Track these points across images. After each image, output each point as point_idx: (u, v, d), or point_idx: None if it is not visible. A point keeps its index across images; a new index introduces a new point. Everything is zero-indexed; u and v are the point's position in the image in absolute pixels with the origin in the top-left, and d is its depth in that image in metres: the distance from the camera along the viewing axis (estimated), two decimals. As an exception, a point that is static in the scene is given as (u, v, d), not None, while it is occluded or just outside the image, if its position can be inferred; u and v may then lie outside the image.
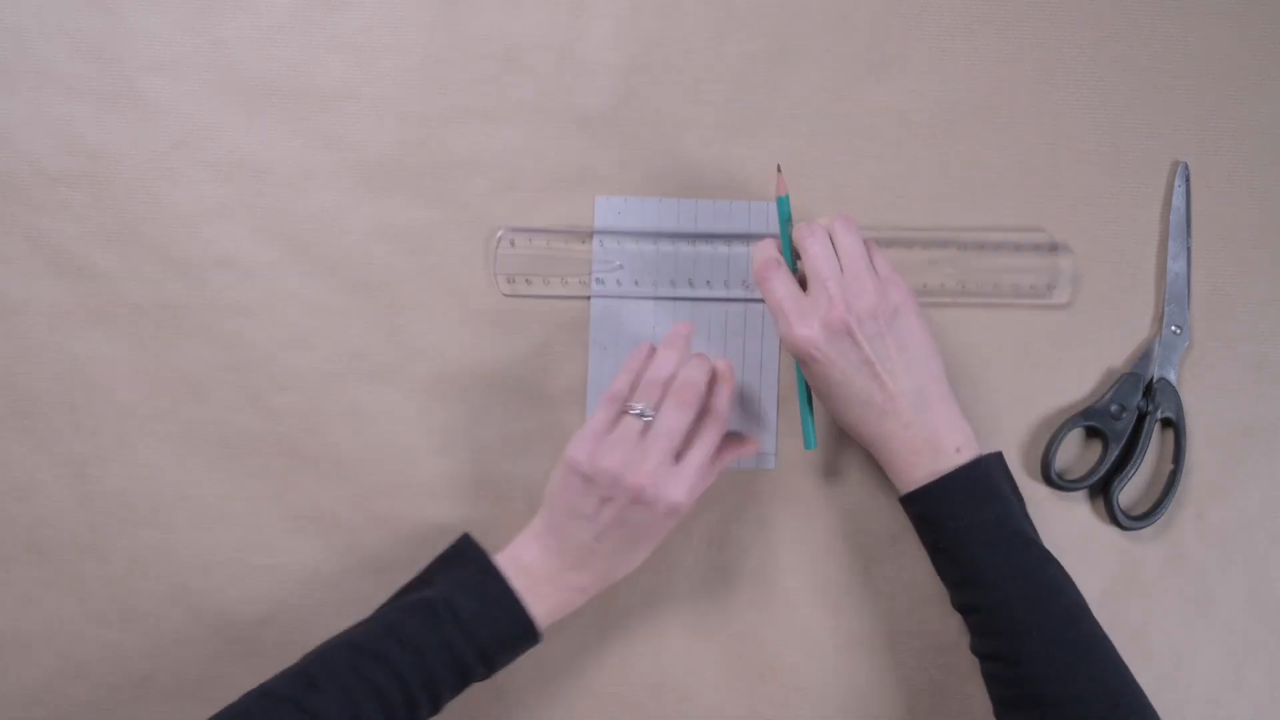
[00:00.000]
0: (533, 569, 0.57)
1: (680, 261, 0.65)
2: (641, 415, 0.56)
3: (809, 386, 0.61)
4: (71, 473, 0.65)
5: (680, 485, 0.56)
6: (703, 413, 0.58)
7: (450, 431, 0.65)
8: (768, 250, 0.59)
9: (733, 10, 0.65)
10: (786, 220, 0.60)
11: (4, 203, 0.65)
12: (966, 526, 0.55)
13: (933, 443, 0.56)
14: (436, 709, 0.55)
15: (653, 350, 0.60)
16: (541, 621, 0.56)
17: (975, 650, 0.56)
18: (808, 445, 0.62)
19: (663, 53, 0.65)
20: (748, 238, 0.65)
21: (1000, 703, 0.55)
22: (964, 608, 0.56)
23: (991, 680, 0.55)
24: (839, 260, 0.57)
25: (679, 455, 0.56)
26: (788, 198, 0.60)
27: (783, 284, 0.57)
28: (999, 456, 0.57)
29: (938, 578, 0.58)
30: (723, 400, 0.59)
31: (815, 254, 0.57)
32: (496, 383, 0.65)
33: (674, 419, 0.56)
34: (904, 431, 0.56)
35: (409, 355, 0.65)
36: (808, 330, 0.56)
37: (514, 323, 0.65)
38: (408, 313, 0.65)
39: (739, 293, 0.65)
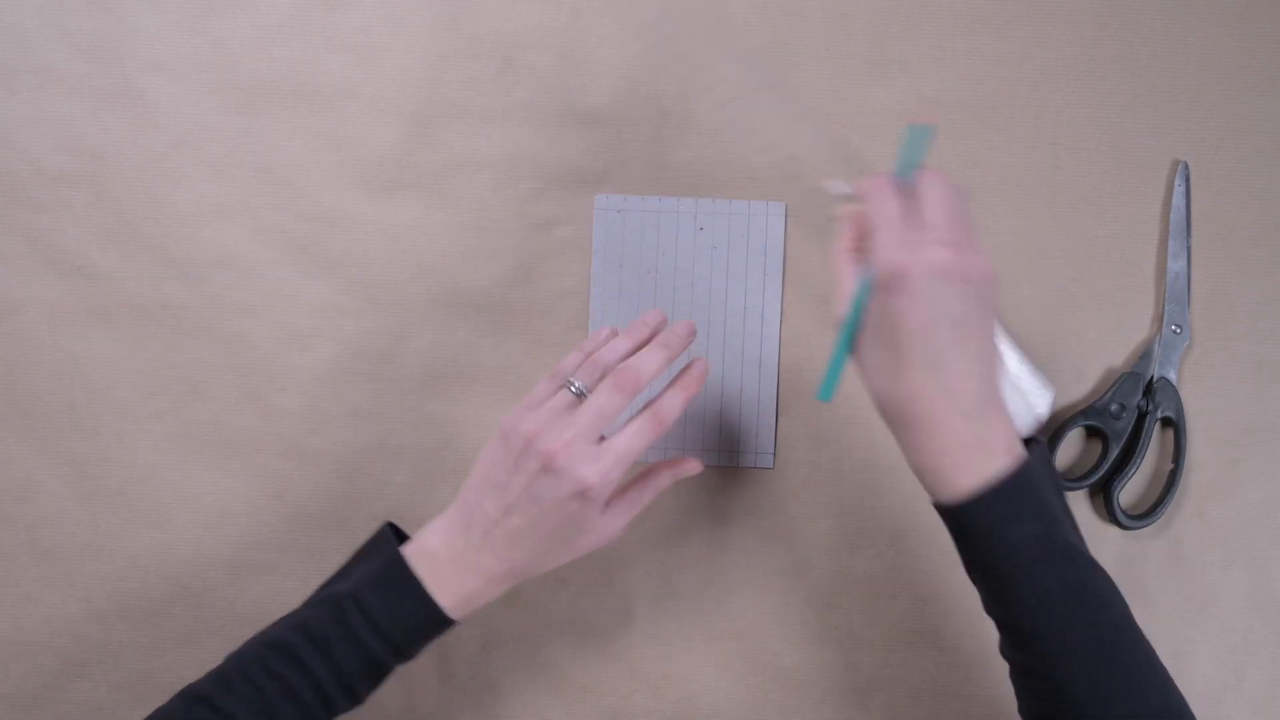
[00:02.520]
0: (438, 552, 0.54)
1: (680, 257, 0.65)
2: (579, 393, 0.54)
3: (856, 332, 0.51)
4: (71, 473, 0.65)
5: (594, 465, 0.52)
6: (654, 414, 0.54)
7: (450, 431, 0.65)
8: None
9: (733, 10, 0.65)
10: (917, 152, 0.53)
11: (4, 203, 0.65)
12: (1013, 544, 0.49)
13: (986, 442, 0.49)
14: (357, 700, 0.54)
15: (609, 333, 0.57)
16: (453, 610, 0.54)
17: (1006, 656, 0.52)
18: (823, 396, 0.52)
19: (663, 53, 0.65)
20: (747, 235, 0.65)
21: (1030, 713, 0.51)
22: (1001, 621, 0.51)
23: (1024, 690, 0.52)
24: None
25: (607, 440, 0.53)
26: (927, 129, 0.53)
27: (895, 200, 0.51)
28: (1042, 450, 0.52)
29: (939, 576, 0.57)
30: (671, 402, 0.54)
31: (942, 198, 0.51)
32: (496, 382, 0.65)
33: (606, 399, 0.53)
34: (960, 420, 0.49)
35: (409, 355, 0.65)
36: (910, 256, 0.49)
37: (514, 322, 0.65)
38: (407, 312, 0.65)
39: (738, 287, 0.65)
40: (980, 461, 0.49)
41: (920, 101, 0.52)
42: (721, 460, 0.65)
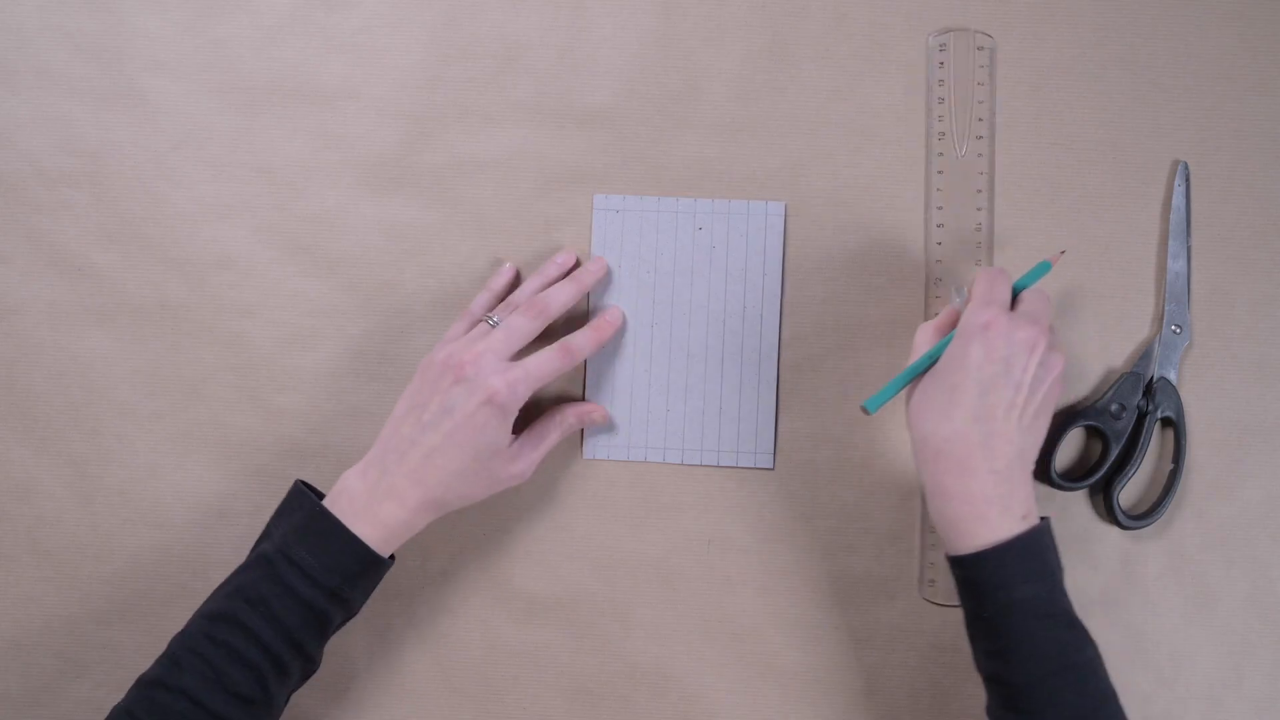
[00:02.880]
0: (356, 489, 0.56)
1: (680, 257, 0.65)
2: (494, 325, 0.59)
3: (928, 369, 0.57)
4: (71, 473, 0.65)
5: (503, 375, 0.56)
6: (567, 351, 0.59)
7: (450, 431, 0.65)
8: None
9: (733, 10, 0.65)
10: (1035, 277, 0.60)
11: (4, 203, 0.65)
12: (1018, 601, 0.52)
13: (1006, 501, 0.53)
14: (309, 660, 0.55)
15: (513, 271, 0.64)
16: (378, 544, 0.55)
17: (994, 717, 0.54)
18: (870, 406, 0.57)
19: (663, 53, 0.65)
20: (747, 235, 0.65)
21: None
22: (992, 677, 0.54)
23: None
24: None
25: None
26: (1049, 266, 0.60)
27: (1007, 287, 0.57)
28: (1049, 525, 0.55)
29: (939, 577, 0.57)
30: (582, 339, 0.60)
31: (1045, 305, 0.57)
32: (496, 383, 0.65)
33: (516, 321, 0.59)
34: (990, 476, 0.53)
35: (409, 355, 0.65)
36: (1001, 317, 0.55)
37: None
38: (407, 312, 0.65)
39: (738, 287, 0.65)
40: (999, 517, 0.53)
41: (1058, 249, 0.62)
42: (721, 460, 0.65)
